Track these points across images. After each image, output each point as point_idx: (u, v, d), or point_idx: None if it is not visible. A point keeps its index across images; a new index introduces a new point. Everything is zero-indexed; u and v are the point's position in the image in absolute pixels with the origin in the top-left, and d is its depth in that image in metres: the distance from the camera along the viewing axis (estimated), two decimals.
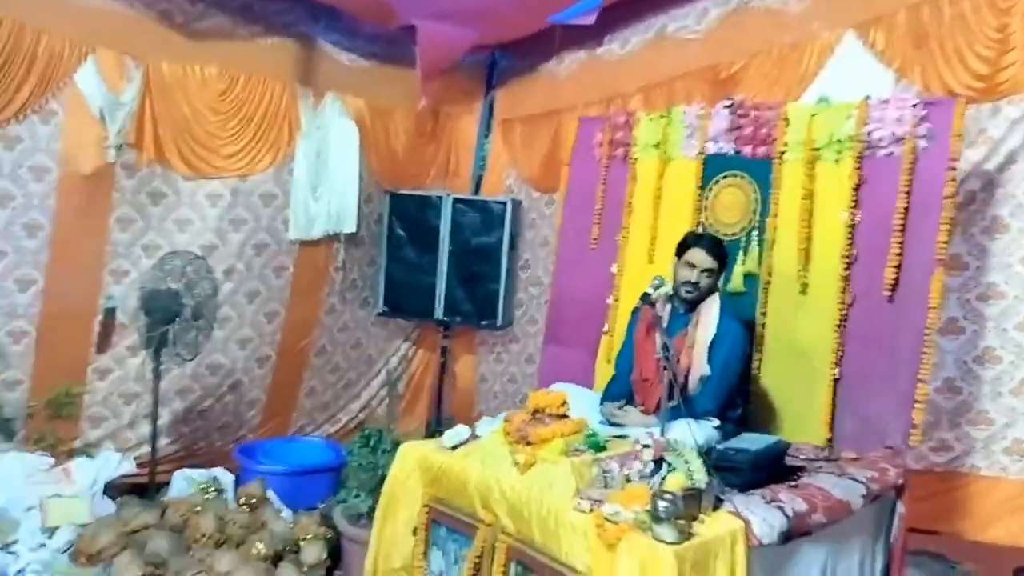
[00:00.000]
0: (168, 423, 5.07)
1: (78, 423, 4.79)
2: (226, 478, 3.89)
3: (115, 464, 3.73)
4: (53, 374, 4.70)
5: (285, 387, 5.63)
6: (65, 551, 3.15)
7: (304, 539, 3.28)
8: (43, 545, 3.17)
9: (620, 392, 3.35)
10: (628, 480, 2.61)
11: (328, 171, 5.40)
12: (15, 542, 3.16)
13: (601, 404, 3.32)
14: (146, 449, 4.56)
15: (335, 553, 3.41)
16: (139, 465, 4.45)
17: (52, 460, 3.69)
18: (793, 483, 2.81)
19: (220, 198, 5.05)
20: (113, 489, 3.74)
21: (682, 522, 2.35)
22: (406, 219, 5.84)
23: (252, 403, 5.49)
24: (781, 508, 2.58)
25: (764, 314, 3.66)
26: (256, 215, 5.19)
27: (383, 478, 3.25)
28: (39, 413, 4.65)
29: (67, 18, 4.53)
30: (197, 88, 4.94)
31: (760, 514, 2.53)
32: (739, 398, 3.28)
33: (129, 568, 2.91)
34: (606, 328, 4.37)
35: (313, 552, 3.21)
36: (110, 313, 4.82)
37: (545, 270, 5.64)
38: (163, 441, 5.00)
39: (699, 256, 3.24)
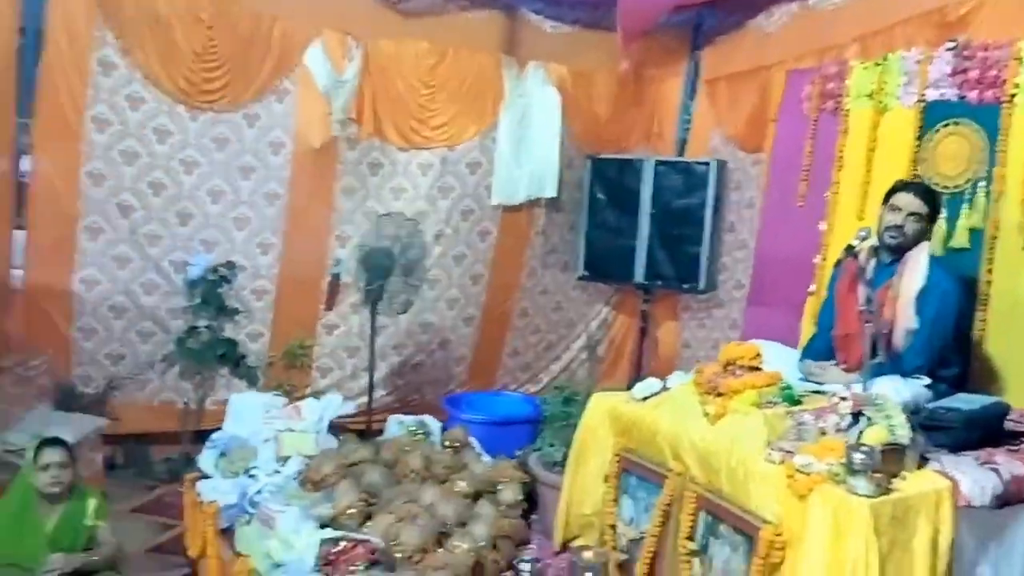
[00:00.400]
0: (384, 376, 5.50)
1: (309, 373, 5.34)
2: (434, 425, 4.17)
3: (338, 405, 4.12)
4: (288, 328, 5.26)
5: (489, 346, 5.90)
6: (295, 478, 3.55)
7: (502, 481, 3.45)
8: (277, 471, 3.59)
9: (821, 349, 3.21)
10: (823, 433, 2.52)
11: (530, 138, 5.56)
12: (255, 467, 3.61)
13: (800, 361, 3.20)
14: (366, 399, 4.97)
15: (531, 497, 3.57)
16: (359, 413, 4.88)
17: (285, 399, 4.15)
18: (1014, 447, 2.58)
19: (430, 167, 5.36)
20: (336, 429, 4.13)
21: (879, 475, 2.24)
22: (607, 183, 5.88)
23: (459, 360, 5.81)
24: (996, 471, 2.39)
25: (990, 271, 3.35)
26: (463, 182, 5.46)
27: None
28: (277, 363, 5.23)
29: (297, 4, 4.99)
30: (410, 64, 5.26)
31: (971, 475, 2.36)
32: (953, 357, 3.03)
33: (347, 494, 3.22)
34: (812, 288, 4.20)
35: (510, 493, 3.37)
36: (335, 277, 5.28)
37: (751, 233, 5.46)
38: (380, 392, 5.43)
39: (905, 199, 3.02)
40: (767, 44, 5.49)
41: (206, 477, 3.69)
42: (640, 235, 5.77)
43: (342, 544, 2.84)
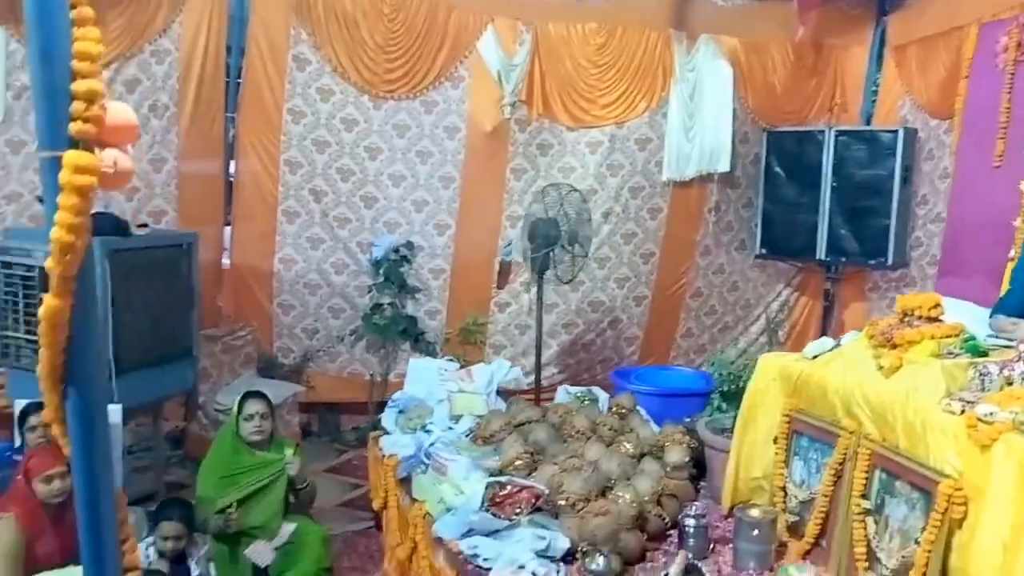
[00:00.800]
0: (555, 354, 5.59)
1: (483, 349, 5.52)
2: (602, 395, 4.20)
3: (506, 369, 4.27)
4: (463, 306, 5.48)
5: (661, 326, 5.84)
6: (466, 434, 3.71)
7: (668, 444, 3.42)
8: (450, 428, 3.77)
9: (1014, 305, 2.95)
10: (1009, 383, 2.32)
11: (702, 112, 5.46)
12: (430, 423, 3.82)
13: (991, 317, 2.96)
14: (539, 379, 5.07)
15: (699, 464, 3.50)
16: (529, 390, 4.98)
17: (458, 364, 4.34)
18: None
19: (599, 145, 5.40)
20: (505, 394, 4.28)
21: None
22: (785, 156, 5.66)
23: (631, 340, 5.80)
24: None
25: None
26: (632, 159, 5.45)
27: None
28: (453, 339, 5.46)
29: None
30: (579, 45, 5.34)
31: None
32: None
33: (513, 446, 3.32)
34: (1012, 253, 3.86)
35: (676, 454, 3.32)
36: (506, 260, 5.43)
37: (946, 204, 5.08)
38: (552, 371, 5.54)
39: None
40: (960, 4, 5.10)
41: (388, 434, 3.94)
42: (821, 209, 5.51)
43: (508, 488, 2.94)
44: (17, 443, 3.60)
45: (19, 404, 3.66)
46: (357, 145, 5.20)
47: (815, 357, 3.00)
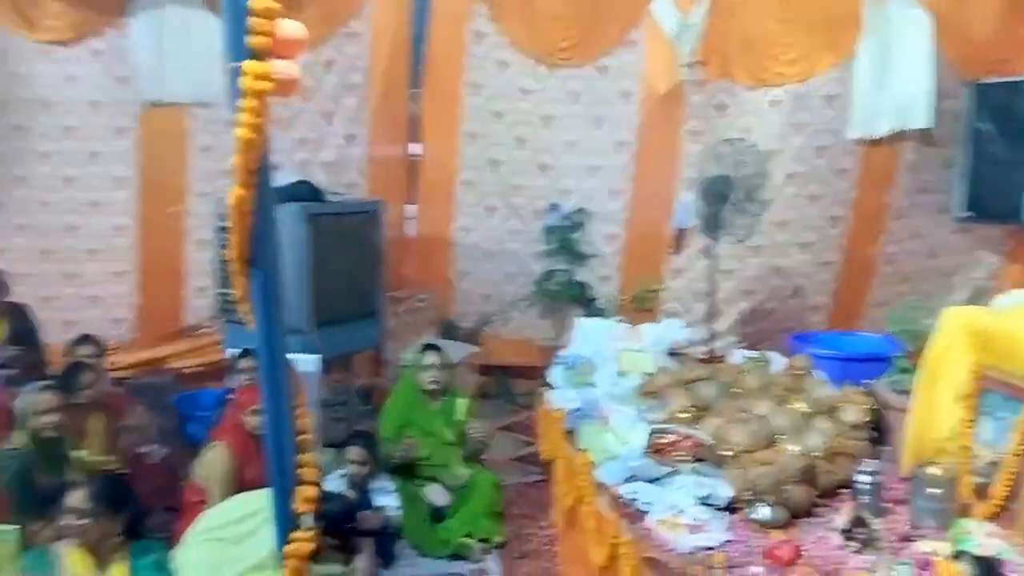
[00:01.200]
0: (734, 322, 5.44)
1: (656, 316, 5.45)
2: (777, 358, 4.06)
3: (678, 329, 4.24)
4: (636, 272, 5.46)
5: (851, 294, 5.51)
6: (633, 391, 3.74)
7: (845, 404, 3.27)
8: (616, 385, 3.81)
9: None
10: None
11: (895, 65, 5.09)
12: (596, 378, 3.89)
13: None
14: (714, 345, 4.98)
15: (878, 426, 3.33)
16: (702, 359, 4.89)
17: (627, 324, 4.36)
18: None
19: (781, 103, 5.17)
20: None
21: None
22: (994, 110, 5.14)
23: (817, 308, 5.52)
24: None
25: None
26: (817, 117, 5.17)
27: None
28: (625, 305, 5.45)
29: None
30: (759, 0, 5.14)
31: None
32: None
33: (679, 399, 3.31)
34: None
35: (852, 413, 3.17)
36: (680, 228, 5.36)
37: None
38: (729, 339, 5.39)
39: None
40: None
41: (555, 389, 4.05)
42: None
43: (671, 436, 2.95)
44: (231, 386, 4.06)
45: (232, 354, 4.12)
46: (532, 114, 5.33)
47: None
